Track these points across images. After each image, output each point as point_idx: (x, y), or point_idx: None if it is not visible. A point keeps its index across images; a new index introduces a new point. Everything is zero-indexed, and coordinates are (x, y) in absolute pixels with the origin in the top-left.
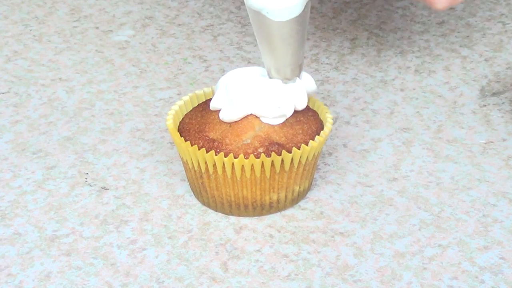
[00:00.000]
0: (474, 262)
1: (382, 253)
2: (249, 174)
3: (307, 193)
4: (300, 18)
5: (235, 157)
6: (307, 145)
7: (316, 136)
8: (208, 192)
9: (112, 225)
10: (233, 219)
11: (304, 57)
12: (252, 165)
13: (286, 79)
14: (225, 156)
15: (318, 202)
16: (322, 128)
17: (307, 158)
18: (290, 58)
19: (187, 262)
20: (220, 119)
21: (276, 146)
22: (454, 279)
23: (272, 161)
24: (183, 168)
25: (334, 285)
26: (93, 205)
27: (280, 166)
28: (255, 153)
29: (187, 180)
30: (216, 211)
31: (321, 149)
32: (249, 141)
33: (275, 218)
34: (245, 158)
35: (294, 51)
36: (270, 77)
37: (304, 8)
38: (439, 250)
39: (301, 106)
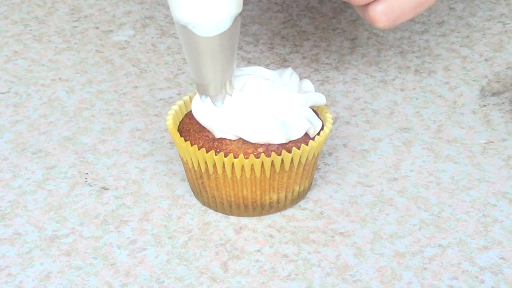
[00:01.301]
0: (474, 262)
1: (382, 253)
2: (249, 174)
3: (307, 193)
4: (228, 34)
5: (235, 157)
6: (307, 145)
7: (316, 136)
8: (208, 192)
9: (112, 225)
10: (233, 219)
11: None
12: (252, 165)
13: (215, 97)
14: (225, 156)
15: (318, 202)
16: (322, 128)
17: (307, 158)
18: (219, 75)
19: (187, 262)
20: None
21: (276, 146)
22: (454, 279)
23: (272, 161)
24: (183, 168)
25: (334, 285)
26: (93, 205)
27: (280, 166)
28: (255, 153)
29: (187, 180)
30: (216, 211)
31: (321, 149)
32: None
33: (275, 218)
34: (245, 158)
35: (223, 68)
36: (199, 94)
37: (233, 23)
38: (439, 250)
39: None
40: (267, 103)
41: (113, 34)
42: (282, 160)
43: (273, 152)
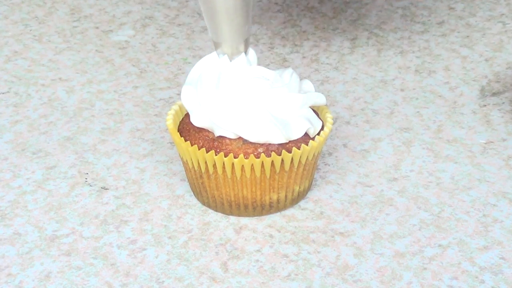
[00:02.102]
0: (474, 262)
1: (382, 253)
2: (249, 174)
3: (307, 193)
4: None
5: (235, 157)
6: (307, 145)
7: (316, 136)
8: (208, 192)
9: (112, 225)
10: (233, 219)
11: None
12: (252, 165)
13: (232, 54)
14: (225, 156)
15: (318, 202)
16: (322, 128)
17: (307, 158)
18: (235, 33)
19: (187, 262)
20: None
21: (276, 146)
22: (454, 279)
23: (272, 161)
24: (183, 168)
25: (334, 285)
26: (93, 205)
27: (280, 166)
28: (255, 153)
29: (187, 180)
30: (216, 211)
31: (321, 149)
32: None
33: (275, 218)
34: (245, 158)
35: (239, 26)
36: (216, 52)
37: None
38: (439, 250)
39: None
40: (267, 102)
41: (113, 34)
42: (282, 160)
43: (273, 152)
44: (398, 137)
